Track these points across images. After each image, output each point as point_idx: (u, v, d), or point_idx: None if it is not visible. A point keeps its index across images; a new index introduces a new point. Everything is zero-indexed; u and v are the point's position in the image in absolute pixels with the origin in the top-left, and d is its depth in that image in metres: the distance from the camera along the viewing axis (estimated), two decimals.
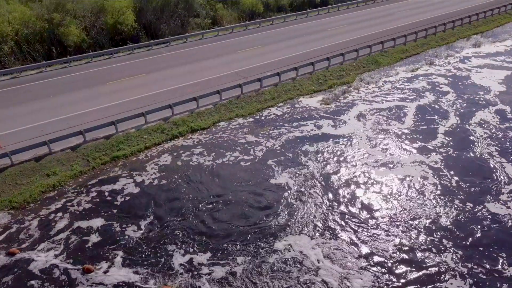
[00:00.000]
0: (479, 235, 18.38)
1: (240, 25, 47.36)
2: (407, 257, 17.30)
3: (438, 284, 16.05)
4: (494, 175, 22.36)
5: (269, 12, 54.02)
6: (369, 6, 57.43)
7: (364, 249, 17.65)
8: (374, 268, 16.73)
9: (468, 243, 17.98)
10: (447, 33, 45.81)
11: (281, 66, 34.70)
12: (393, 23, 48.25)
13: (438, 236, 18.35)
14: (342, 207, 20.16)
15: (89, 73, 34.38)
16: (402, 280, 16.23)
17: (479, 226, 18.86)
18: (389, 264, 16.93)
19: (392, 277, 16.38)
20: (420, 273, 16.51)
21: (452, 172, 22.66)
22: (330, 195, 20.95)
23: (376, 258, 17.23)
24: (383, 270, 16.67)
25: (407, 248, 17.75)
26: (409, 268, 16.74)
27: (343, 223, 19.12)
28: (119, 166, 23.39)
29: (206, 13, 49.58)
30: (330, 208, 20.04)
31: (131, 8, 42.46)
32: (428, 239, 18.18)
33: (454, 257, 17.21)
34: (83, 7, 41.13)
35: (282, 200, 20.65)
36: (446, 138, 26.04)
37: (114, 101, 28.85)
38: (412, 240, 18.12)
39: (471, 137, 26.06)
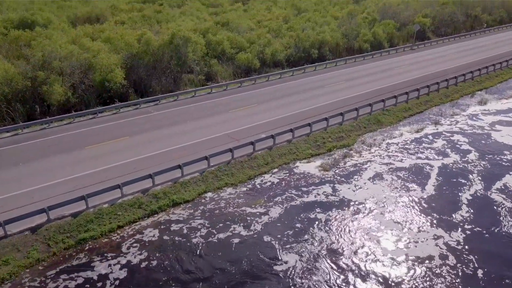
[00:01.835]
0: None
1: (235, 82, 45.50)
2: None
3: None
4: None
5: (265, 68, 52.46)
6: (368, 61, 56.19)
7: None
8: None
9: None
10: (450, 90, 43.90)
11: (276, 127, 32.16)
12: (393, 78, 46.55)
13: None
14: None
15: (68, 135, 31.71)
16: None
17: None
18: None
19: None
20: None
21: (475, 255, 19.48)
22: (335, 279, 17.57)
23: None
24: None
25: None
26: None
27: None
28: (85, 251, 19.95)
29: (200, 69, 47.96)
30: None
31: (120, 65, 40.76)
32: None
33: None
34: (71, 64, 39.42)
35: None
36: (469, 209, 23.11)
37: (90, 169, 25.92)
38: None
39: (497, 208, 23.28)
